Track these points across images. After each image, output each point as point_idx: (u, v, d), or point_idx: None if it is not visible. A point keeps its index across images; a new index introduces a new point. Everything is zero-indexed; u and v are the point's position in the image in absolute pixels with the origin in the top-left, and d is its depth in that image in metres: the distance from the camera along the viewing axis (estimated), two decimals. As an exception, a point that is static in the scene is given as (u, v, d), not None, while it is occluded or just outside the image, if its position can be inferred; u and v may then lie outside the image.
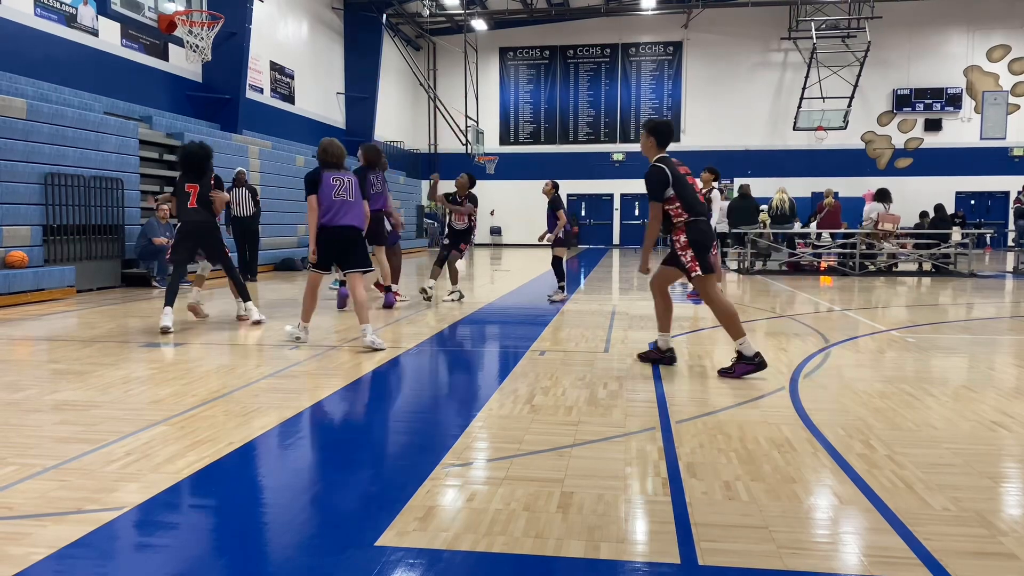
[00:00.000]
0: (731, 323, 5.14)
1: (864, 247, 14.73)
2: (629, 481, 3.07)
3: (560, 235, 9.75)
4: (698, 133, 29.11)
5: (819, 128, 26.87)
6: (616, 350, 6.15)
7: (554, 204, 9.72)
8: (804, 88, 26.76)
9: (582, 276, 14.74)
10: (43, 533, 2.54)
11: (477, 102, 28.25)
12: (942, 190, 26.39)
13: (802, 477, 3.12)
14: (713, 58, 28.90)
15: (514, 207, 29.86)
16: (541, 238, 10.08)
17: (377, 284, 9.73)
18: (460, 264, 11.09)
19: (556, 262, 9.97)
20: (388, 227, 9.23)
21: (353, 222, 6.43)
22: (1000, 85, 27.63)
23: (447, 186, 12.00)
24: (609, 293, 11.50)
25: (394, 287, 9.37)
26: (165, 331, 6.84)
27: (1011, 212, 26.34)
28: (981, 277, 14.14)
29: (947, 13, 27.37)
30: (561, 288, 9.95)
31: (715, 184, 10.03)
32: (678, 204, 5.25)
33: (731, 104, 28.75)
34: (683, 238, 5.29)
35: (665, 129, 5.45)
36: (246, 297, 7.79)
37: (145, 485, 2.98)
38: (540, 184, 10.48)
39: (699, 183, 8.95)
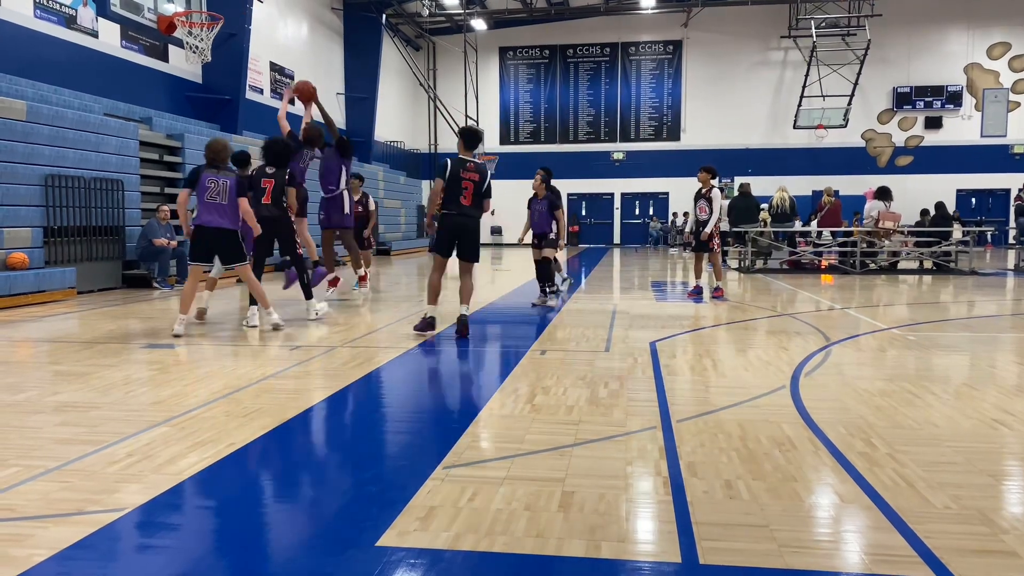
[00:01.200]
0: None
1: (865, 245, 14.73)
2: (630, 480, 3.07)
3: (552, 235, 9.27)
4: (698, 132, 29.10)
5: (819, 126, 26.85)
6: (617, 349, 6.15)
7: (552, 204, 9.33)
8: (804, 86, 26.74)
9: (583, 275, 14.74)
10: (45, 534, 2.54)
11: (477, 102, 28.25)
12: (943, 188, 26.38)
13: (803, 476, 3.12)
14: (713, 57, 28.89)
15: (514, 207, 29.67)
16: (537, 243, 9.32)
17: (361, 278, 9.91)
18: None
19: (544, 264, 9.31)
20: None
21: (225, 224, 6.80)
22: (1000, 82, 27.61)
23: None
24: (610, 292, 11.50)
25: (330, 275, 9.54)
26: (250, 327, 7.26)
27: (1012, 209, 26.37)
28: (982, 275, 14.14)
29: (947, 10, 27.35)
30: (552, 292, 9.37)
31: (714, 183, 9.98)
32: (443, 196, 6.72)
33: (731, 103, 28.74)
34: (436, 224, 6.98)
35: (469, 134, 6.84)
36: (308, 295, 7.88)
37: (147, 486, 2.98)
38: None
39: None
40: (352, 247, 9.90)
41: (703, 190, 9.99)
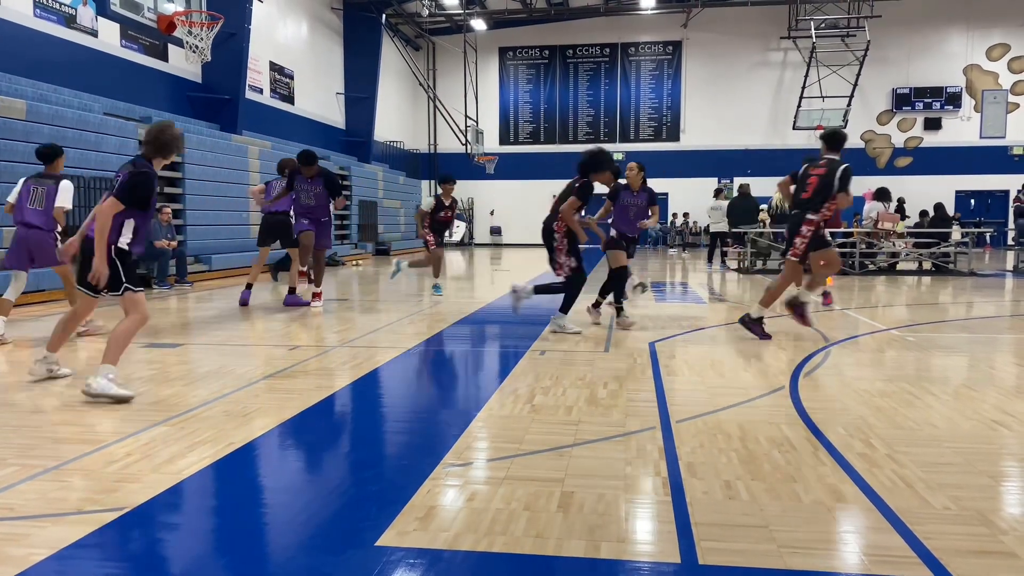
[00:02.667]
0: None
1: (864, 246, 14.74)
2: (629, 481, 3.07)
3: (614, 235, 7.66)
4: (698, 132, 29.11)
5: (819, 127, 26.80)
6: (616, 350, 6.15)
7: (653, 198, 7.94)
8: (804, 87, 26.75)
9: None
10: (43, 534, 2.54)
11: (477, 102, 28.25)
12: (942, 189, 26.38)
13: (802, 476, 3.12)
14: (713, 57, 28.90)
15: (514, 207, 29.87)
16: (626, 245, 7.77)
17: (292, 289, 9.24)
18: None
19: (623, 272, 7.58)
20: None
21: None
22: (999, 84, 27.62)
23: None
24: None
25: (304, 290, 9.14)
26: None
27: (1011, 211, 26.37)
28: (981, 276, 14.14)
29: (946, 12, 27.36)
30: (620, 309, 7.52)
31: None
32: None
33: (731, 103, 28.75)
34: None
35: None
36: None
37: (146, 486, 2.98)
38: (540, 183, 9.94)
39: None
40: (322, 263, 9.33)
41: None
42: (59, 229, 6.49)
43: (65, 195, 6.54)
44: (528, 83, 30.46)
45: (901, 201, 18.69)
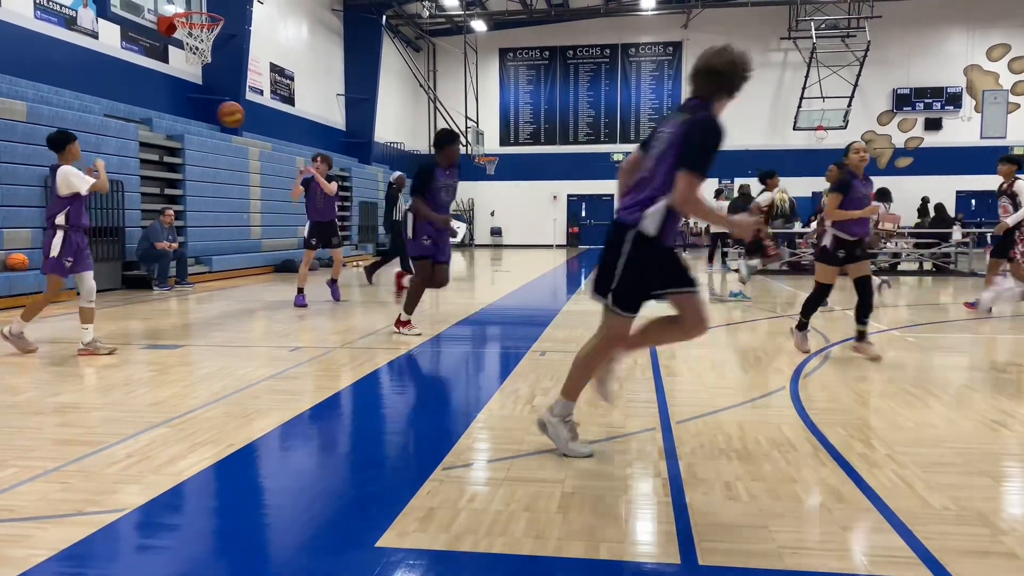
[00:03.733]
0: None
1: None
2: (629, 482, 3.07)
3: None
4: (698, 133, 29.09)
5: (819, 128, 26.84)
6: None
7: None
8: (804, 88, 26.72)
9: (582, 276, 14.74)
10: (44, 535, 2.54)
11: (477, 103, 28.25)
12: (942, 189, 26.36)
13: (802, 477, 3.12)
14: (713, 58, 28.87)
15: (514, 208, 29.86)
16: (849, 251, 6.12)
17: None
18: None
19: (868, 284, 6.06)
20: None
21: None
22: (1000, 84, 27.60)
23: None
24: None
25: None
26: None
27: (1012, 211, 26.35)
28: (982, 276, 14.12)
29: (946, 12, 27.35)
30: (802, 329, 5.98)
31: (1019, 176, 8.28)
32: None
33: (731, 104, 28.72)
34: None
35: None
36: None
37: (146, 487, 2.98)
38: (541, 184, 9.92)
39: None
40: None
41: (1003, 185, 8.49)
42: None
43: (66, 180, 5.81)
44: (528, 84, 30.45)
45: (925, 200, 18.74)
